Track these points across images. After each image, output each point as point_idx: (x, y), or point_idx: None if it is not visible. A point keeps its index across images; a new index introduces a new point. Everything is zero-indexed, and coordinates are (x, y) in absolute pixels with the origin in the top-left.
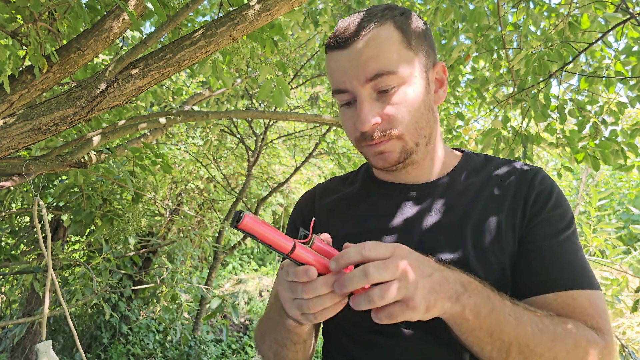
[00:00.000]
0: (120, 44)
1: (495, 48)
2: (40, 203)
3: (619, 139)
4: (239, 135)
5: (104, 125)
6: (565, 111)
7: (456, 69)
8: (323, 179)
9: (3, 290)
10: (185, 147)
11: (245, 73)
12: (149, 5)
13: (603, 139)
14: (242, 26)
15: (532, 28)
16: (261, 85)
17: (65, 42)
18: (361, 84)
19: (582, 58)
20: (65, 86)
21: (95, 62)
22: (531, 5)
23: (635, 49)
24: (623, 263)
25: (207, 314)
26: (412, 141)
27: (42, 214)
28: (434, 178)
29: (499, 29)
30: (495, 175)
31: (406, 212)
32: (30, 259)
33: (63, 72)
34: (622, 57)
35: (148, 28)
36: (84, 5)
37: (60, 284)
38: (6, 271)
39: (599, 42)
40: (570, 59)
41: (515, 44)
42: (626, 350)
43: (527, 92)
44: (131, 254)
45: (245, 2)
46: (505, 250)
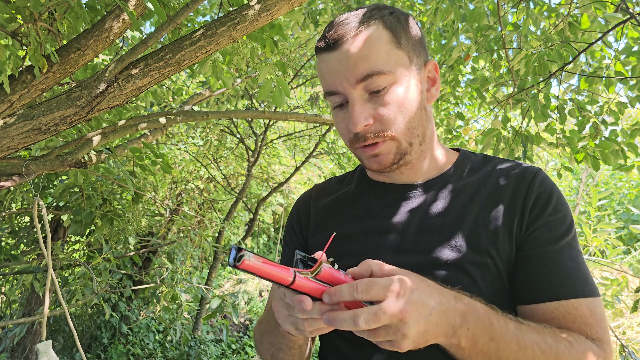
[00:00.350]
0: (120, 44)
1: (495, 48)
2: (40, 203)
3: (619, 139)
4: (239, 135)
5: (104, 125)
6: (565, 111)
7: (456, 69)
8: (323, 179)
9: (3, 290)
10: (185, 147)
11: (245, 73)
12: (149, 5)
13: (603, 139)
14: (242, 26)
15: (532, 28)
16: (261, 85)
17: (65, 42)
18: (352, 85)
19: (582, 58)
20: (65, 86)
21: (95, 62)
22: (531, 5)
23: (635, 49)
24: (623, 263)
25: (207, 314)
26: (406, 141)
27: (42, 214)
28: (429, 178)
29: (499, 29)
30: (493, 175)
31: (401, 213)
32: (30, 259)
33: (63, 72)
34: (622, 57)
35: (148, 28)
36: (84, 5)
37: (60, 284)
38: (6, 271)
39: (599, 42)
40: (570, 59)
41: (515, 44)
42: (626, 350)
43: (527, 92)
44: (131, 254)
45: (245, 2)
46: (501, 252)
